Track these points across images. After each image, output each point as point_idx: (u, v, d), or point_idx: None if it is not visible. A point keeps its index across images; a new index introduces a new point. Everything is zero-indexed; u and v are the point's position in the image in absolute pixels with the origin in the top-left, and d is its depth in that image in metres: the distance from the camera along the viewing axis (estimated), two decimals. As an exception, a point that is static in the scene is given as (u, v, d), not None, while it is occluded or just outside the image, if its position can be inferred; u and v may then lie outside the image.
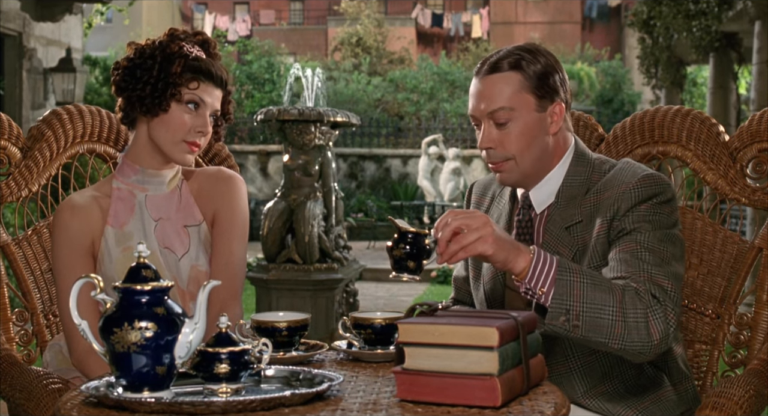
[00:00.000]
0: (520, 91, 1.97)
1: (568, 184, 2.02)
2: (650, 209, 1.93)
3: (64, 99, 9.95)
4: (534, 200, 2.05)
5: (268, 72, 22.50)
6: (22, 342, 2.31)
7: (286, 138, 6.21)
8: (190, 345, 1.51)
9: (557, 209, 2.01)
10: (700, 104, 19.39)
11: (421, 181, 15.57)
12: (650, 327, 1.80)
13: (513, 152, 1.99)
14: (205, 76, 2.14)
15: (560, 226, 1.99)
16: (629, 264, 1.87)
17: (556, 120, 2.01)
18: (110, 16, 20.87)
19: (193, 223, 2.21)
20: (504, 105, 1.97)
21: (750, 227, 7.45)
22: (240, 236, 2.22)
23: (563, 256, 1.96)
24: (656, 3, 11.06)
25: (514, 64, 1.98)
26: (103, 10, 11.90)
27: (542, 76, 1.98)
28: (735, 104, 10.87)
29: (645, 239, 1.90)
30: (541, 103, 1.99)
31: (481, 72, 2.02)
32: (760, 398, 1.98)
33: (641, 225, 1.91)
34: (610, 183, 1.98)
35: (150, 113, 2.13)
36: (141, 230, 2.16)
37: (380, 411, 1.48)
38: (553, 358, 1.98)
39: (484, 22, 34.65)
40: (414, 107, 22.58)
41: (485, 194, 2.22)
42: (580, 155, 2.06)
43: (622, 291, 1.81)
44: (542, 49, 2.03)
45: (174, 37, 2.16)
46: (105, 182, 2.23)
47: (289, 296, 6.04)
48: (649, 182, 1.94)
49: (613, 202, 1.94)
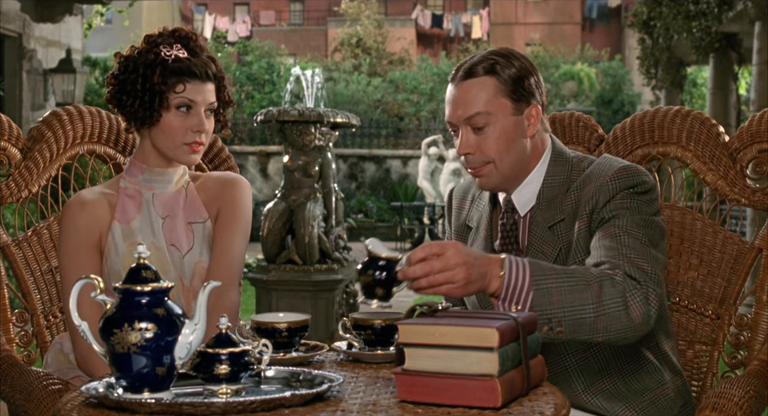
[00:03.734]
0: (496, 95, 1.99)
1: (547, 184, 2.04)
2: (628, 198, 1.94)
3: (64, 100, 9.96)
4: (517, 202, 2.06)
5: (268, 73, 22.50)
6: (22, 343, 2.31)
7: (286, 139, 6.21)
8: (190, 346, 1.51)
9: (540, 210, 2.03)
10: (700, 104, 19.39)
11: (421, 182, 15.56)
12: (631, 311, 1.80)
13: (492, 155, 2.01)
14: (188, 75, 2.13)
15: (543, 226, 2.01)
16: (609, 249, 1.88)
17: (533, 123, 2.03)
18: (110, 17, 20.87)
19: (198, 220, 2.23)
20: (480, 110, 1.99)
21: (750, 228, 7.46)
22: (241, 232, 2.23)
23: (548, 256, 1.97)
24: (656, 4, 11.06)
25: (489, 69, 2.00)
26: (103, 11, 11.90)
27: (517, 80, 2.00)
28: (735, 104, 10.87)
29: (624, 224, 1.91)
30: (517, 106, 2.01)
31: (456, 78, 2.04)
32: (760, 399, 1.98)
33: (620, 212, 1.93)
34: (588, 179, 1.99)
35: (145, 125, 2.16)
36: (148, 226, 2.19)
37: (380, 411, 1.48)
38: (548, 357, 1.97)
39: (484, 23, 34.65)
40: (414, 107, 22.58)
41: (465, 198, 2.23)
42: (557, 154, 2.07)
43: (599, 283, 1.80)
44: (516, 53, 2.05)
45: (150, 44, 2.16)
46: (114, 181, 2.26)
47: (289, 297, 6.04)
48: (626, 174, 1.96)
49: (591, 196, 1.96)
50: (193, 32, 2.23)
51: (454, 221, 2.24)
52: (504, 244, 2.07)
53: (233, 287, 2.18)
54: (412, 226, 14.87)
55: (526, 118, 2.02)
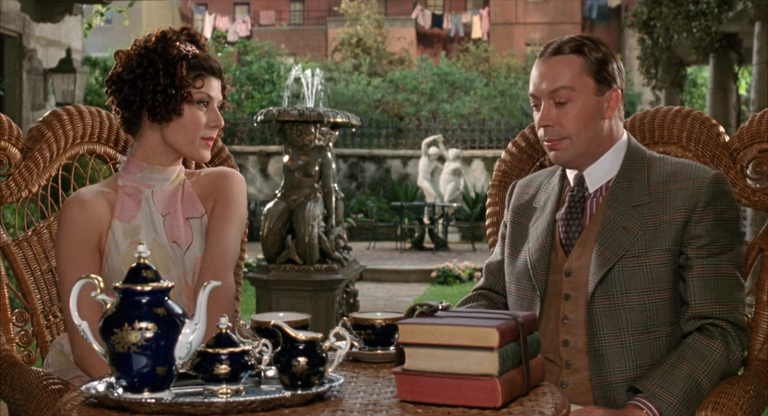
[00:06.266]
0: (581, 73, 2.08)
1: (627, 166, 2.12)
2: (724, 214, 2.04)
3: (64, 100, 9.95)
4: (588, 178, 2.13)
5: (268, 73, 22.49)
6: (23, 342, 2.31)
7: (286, 139, 6.21)
8: (191, 346, 1.51)
9: (621, 188, 2.09)
10: (700, 104, 19.40)
11: (421, 182, 15.56)
12: (732, 365, 2.00)
13: (570, 130, 2.09)
14: (206, 71, 2.17)
15: (626, 204, 2.07)
16: (718, 297, 2.01)
17: (612, 106, 2.11)
18: (110, 17, 20.88)
19: (195, 215, 2.24)
20: (565, 84, 2.08)
21: (750, 228, 7.46)
22: (234, 222, 2.23)
23: (631, 232, 2.04)
24: (656, 4, 11.06)
25: (576, 49, 2.09)
26: (102, 11, 11.90)
27: (602, 63, 2.09)
28: (735, 104, 10.87)
29: (727, 261, 2.03)
30: (599, 87, 2.09)
31: (544, 54, 2.13)
32: (760, 398, 1.98)
33: (718, 236, 2.02)
34: (678, 175, 2.08)
35: (164, 120, 2.15)
36: (150, 224, 2.19)
37: (381, 411, 1.48)
38: (604, 329, 2.03)
39: (484, 23, 34.65)
40: (414, 107, 22.58)
41: (530, 185, 2.28)
42: (636, 144, 2.16)
43: (710, 382, 1.95)
44: (603, 41, 2.14)
45: (168, 40, 2.16)
46: (111, 179, 2.25)
47: (289, 297, 6.04)
48: (722, 180, 2.06)
49: (692, 194, 2.04)
50: (198, 32, 2.26)
51: (514, 202, 2.27)
52: (569, 213, 2.13)
53: (227, 272, 2.17)
54: (412, 226, 14.87)
55: (606, 100, 2.10)
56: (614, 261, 2.02)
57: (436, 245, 14.18)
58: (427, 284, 11.18)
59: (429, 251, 14.09)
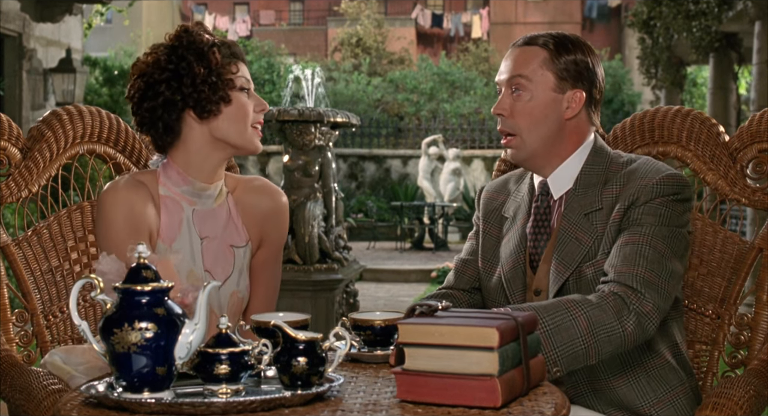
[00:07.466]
0: (542, 66, 2.03)
1: (586, 172, 2.05)
2: (663, 204, 1.95)
3: (64, 100, 9.95)
4: (552, 185, 2.07)
5: (268, 72, 22.50)
6: (22, 342, 2.31)
7: (286, 139, 6.21)
8: (190, 346, 1.51)
9: (576, 196, 2.04)
10: (700, 104, 19.40)
11: (421, 181, 15.56)
12: (624, 328, 1.84)
13: (520, 125, 2.04)
14: (237, 57, 2.09)
15: (579, 213, 2.02)
16: (625, 257, 1.90)
17: (573, 106, 2.05)
18: (110, 16, 20.88)
19: (240, 244, 2.13)
20: (522, 73, 2.03)
21: (750, 228, 7.46)
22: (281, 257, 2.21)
23: (583, 243, 1.98)
24: (656, 3, 11.07)
25: (546, 43, 2.05)
26: (102, 11, 11.90)
27: (570, 63, 2.03)
28: (735, 104, 10.88)
29: (649, 232, 1.93)
30: (560, 84, 2.03)
31: (516, 44, 2.10)
32: (760, 398, 1.98)
33: (650, 218, 1.94)
34: (633, 175, 2.00)
35: (213, 113, 2.03)
36: (189, 248, 2.07)
37: (380, 411, 1.48)
38: None
39: (484, 23, 34.65)
40: (414, 107, 22.58)
41: (500, 191, 2.22)
42: (599, 148, 2.09)
43: (585, 315, 1.83)
44: (585, 43, 2.09)
45: (192, 34, 2.06)
46: (149, 179, 2.10)
47: (289, 297, 6.03)
48: (672, 181, 1.97)
49: (633, 193, 1.97)
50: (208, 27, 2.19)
51: (483, 208, 2.22)
52: (536, 226, 2.08)
53: (273, 308, 2.15)
54: (412, 226, 14.87)
55: (567, 99, 2.04)
56: (567, 276, 1.99)
57: (436, 245, 14.18)
58: (427, 284, 11.18)
59: (429, 251, 14.09)
